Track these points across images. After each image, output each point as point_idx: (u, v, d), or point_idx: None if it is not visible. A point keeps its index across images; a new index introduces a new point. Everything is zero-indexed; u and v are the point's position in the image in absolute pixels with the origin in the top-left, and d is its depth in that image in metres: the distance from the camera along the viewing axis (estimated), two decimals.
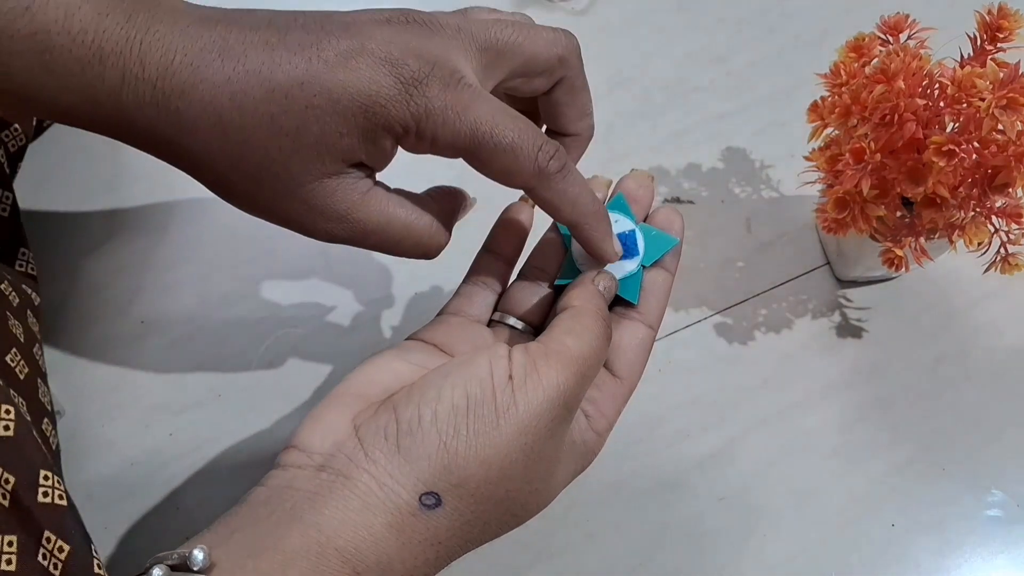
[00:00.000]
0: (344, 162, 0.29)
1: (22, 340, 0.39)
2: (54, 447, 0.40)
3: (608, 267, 0.33)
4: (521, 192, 0.32)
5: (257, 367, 0.46)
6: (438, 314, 0.35)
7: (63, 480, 0.33)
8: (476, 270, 0.36)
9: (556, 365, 0.28)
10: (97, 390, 0.45)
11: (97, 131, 0.29)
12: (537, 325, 0.34)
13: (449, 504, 0.26)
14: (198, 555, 0.25)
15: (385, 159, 0.30)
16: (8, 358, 0.37)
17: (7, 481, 0.30)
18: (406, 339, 0.33)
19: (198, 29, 0.27)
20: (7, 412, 0.32)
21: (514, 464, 0.27)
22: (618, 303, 0.33)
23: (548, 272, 0.35)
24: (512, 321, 0.34)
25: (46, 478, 0.32)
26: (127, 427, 0.44)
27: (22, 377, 0.38)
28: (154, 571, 0.25)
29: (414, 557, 0.26)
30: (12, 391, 0.35)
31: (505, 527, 0.29)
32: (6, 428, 0.31)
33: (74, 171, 0.51)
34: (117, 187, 0.51)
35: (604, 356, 0.30)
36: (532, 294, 0.34)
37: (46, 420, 0.40)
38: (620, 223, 0.34)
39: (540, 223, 0.36)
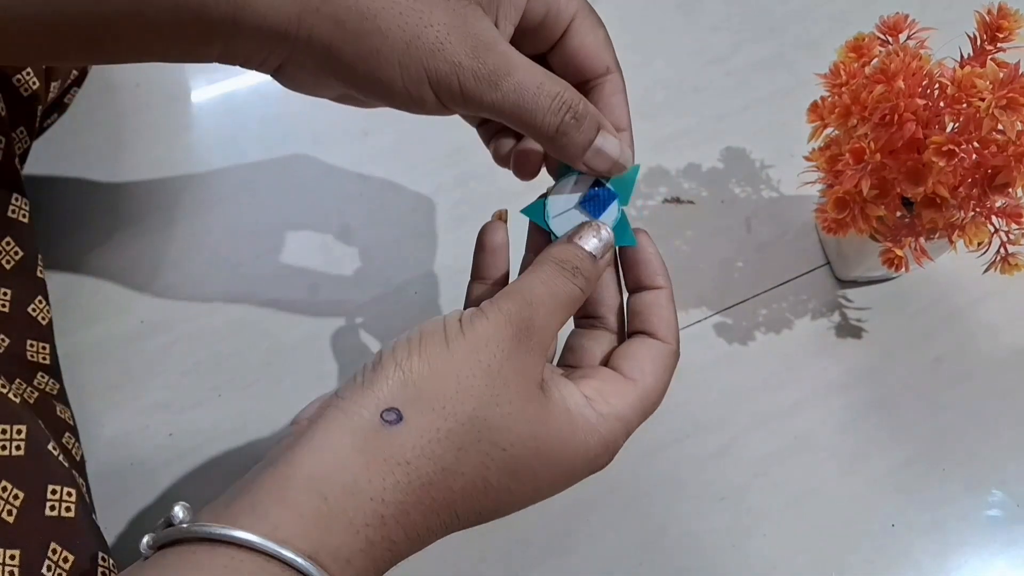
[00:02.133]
0: None
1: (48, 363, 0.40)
2: (78, 459, 0.40)
3: (565, 222, 0.33)
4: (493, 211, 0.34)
5: (257, 367, 0.46)
6: None
7: (80, 489, 0.34)
8: (469, 302, 0.35)
9: (498, 300, 0.29)
10: (97, 390, 0.45)
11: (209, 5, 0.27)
12: None
13: (411, 419, 0.26)
14: (178, 511, 0.26)
15: (519, 7, 0.30)
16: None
17: (15, 497, 0.31)
18: None
19: None
20: (18, 432, 0.32)
21: (472, 380, 0.27)
22: (623, 258, 0.33)
23: None
24: None
25: (54, 492, 0.32)
26: (127, 427, 0.44)
27: (32, 400, 0.39)
28: (143, 540, 0.26)
29: (382, 477, 0.26)
30: (28, 410, 0.35)
31: (490, 461, 0.27)
32: (17, 448, 0.32)
33: (74, 171, 0.51)
34: (117, 187, 0.51)
35: (561, 294, 0.30)
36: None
37: (67, 434, 0.40)
38: (580, 182, 0.33)
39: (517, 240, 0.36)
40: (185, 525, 0.25)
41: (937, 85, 0.37)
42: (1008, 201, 0.38)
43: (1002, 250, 0.39)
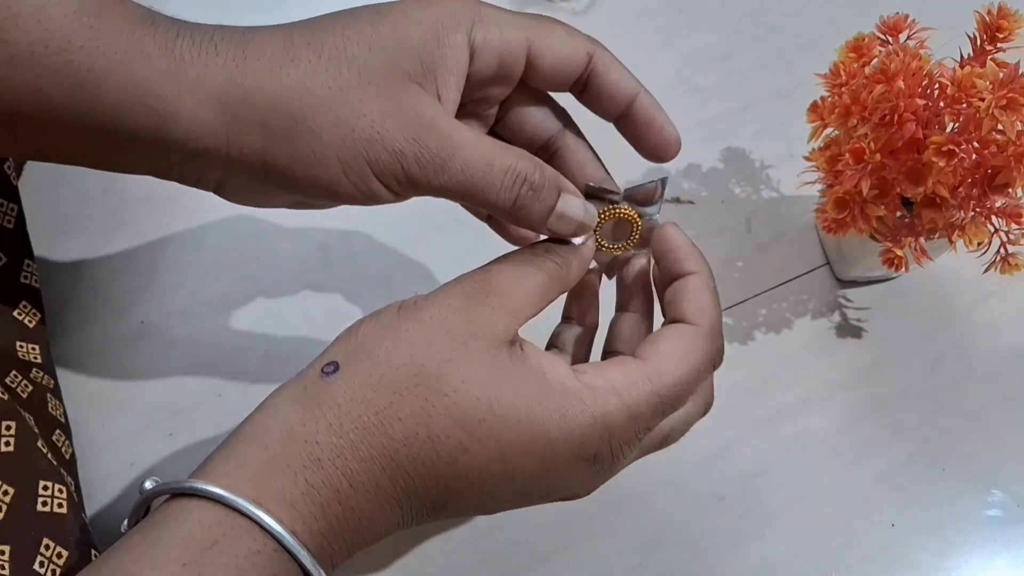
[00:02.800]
0: (423, 67, 0.28)
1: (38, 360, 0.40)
2: (67, 456, 0.40)
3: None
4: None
5: (257, 367, 0.46)
6: None
7: (69, 487, 0.34)
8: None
9: (459, 279, 0.29)
10: (97, 390, 0.45)
11: (137, 130, 0.27)
12: None
13: (347, 369, 0.27)
14: (147, 484, 0.26)
15: (460, 72, 0.29)
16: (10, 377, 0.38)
17: (6, 493, 0.31)
18: None
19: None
20: (7, 428, 0.32)
21: (412, 331, 0.27)
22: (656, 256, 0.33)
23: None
24: None
25: (46, 488, 0.32)
26: (127, 427, 0.44)
27: (26, 395, 0.38)
28: (145, 483, 0.26)
29: (315, 420, 0.26)
30: (19, 406, 0.35)
31: (431, 408, 0.26)
32: (7, 444, 0.32)
33: (74, 171, 0.51)
34: (117, 187, 0.50)
35: (529, 263, 0.29)
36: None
37: (58, 431, 0.40)
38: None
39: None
40: (148, 490, 0.26)
41: (937, 85, 0.37)
42: (1008, 201, 0.38)
43: (1002, 250, 0.39)
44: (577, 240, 0.31)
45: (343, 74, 0.27)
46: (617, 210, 0.32)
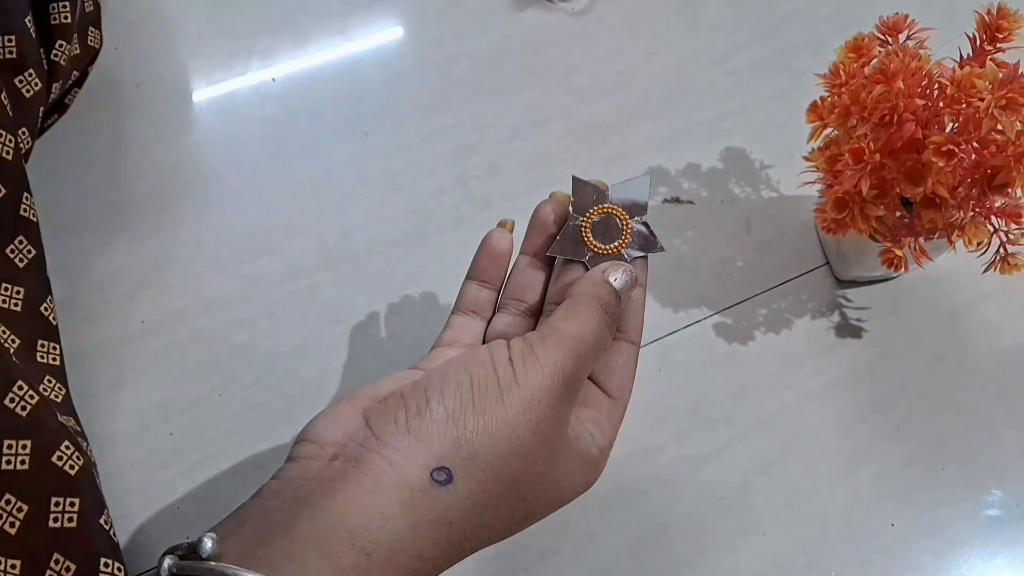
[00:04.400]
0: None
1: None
2: (79, 465, 0.40)
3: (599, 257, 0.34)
4: (501, 219, 0.35)
5: (257, 367, 0.46)
6: (432, 347, 0.35)
7: (81, 499, 0.34)
8: (463, 300, 0.36)
9: (552, 345, 0.29)
10: (97, 390, 0.45)
11: None
12: None
13: (460, 480, 0.27)
14: (207, 543, 0.25)
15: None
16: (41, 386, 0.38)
17: (19, 510, 0.31)
18: (407, 369, 0.34)
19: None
20: (23, 447, 0.32)
21: (521, 440, 0.28)
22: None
23: (527, 303, 0.35)
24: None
25: (57, 504, 0.33)
26: (127, 427, 0.44)
27: (34, 407, 0.39)
28: (165, 561, 0.25)
29: (424, 537, 0.26)
30: (34, 421, 0.35)
31: (515, 515, 0.29)
32: (22, 463, 0.32)
33: (75, 171, 0.51)
34: (117, 187, 0.51)
35: (604, 341, 0.31)
36: (517, 326, 0.35)
37: (67, 442, 0.40)
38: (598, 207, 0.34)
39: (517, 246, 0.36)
40: (213, 564, 0.25)
41: (936, 85, 0.37)
42: (1007, 201, 0.38)
43: (1001, 250, 0.39)
44: (622, 290, 0.33)
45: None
46: (605, 208, 0.33)
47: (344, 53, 0.56)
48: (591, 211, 0.33)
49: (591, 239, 0.34)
